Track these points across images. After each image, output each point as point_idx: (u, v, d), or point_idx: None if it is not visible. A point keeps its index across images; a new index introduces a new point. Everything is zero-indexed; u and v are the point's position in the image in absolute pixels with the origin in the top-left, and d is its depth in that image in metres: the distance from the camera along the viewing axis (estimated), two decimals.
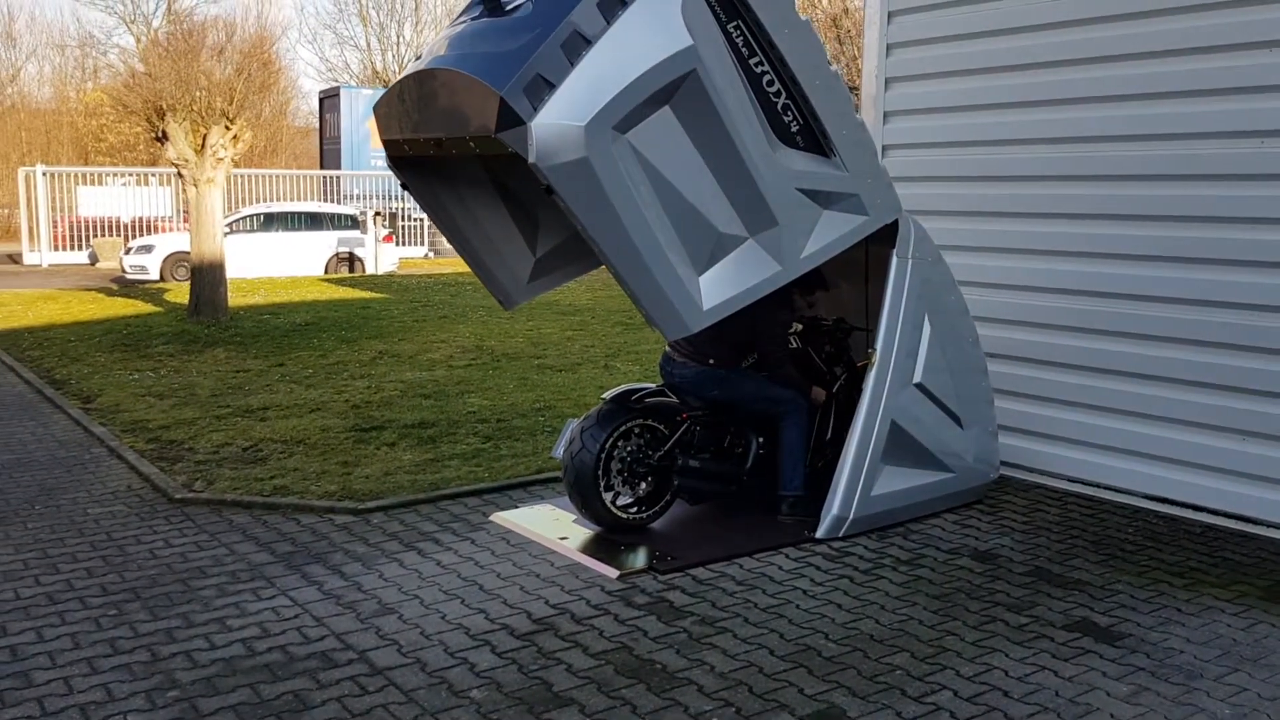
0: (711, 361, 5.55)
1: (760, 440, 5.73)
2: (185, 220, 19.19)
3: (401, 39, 42.57)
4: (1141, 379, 6.18)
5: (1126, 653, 4.23)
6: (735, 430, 5.71)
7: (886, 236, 5.56)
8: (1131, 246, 6.17)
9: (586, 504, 5.36)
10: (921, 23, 7.06)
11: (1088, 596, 4.80)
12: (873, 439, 5.51)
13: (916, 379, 5.68)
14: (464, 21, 4.86)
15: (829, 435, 6.00)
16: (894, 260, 5.60)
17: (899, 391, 5.59)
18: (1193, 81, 5.85)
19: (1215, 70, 5.76)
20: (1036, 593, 4.83)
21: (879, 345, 5.54)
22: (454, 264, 24.22)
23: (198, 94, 13.58)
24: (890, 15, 7.19)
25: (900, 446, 5.62)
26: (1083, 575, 5.06)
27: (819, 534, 5.44)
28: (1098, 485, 6.40)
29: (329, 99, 33.77)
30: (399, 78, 4.93)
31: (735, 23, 4.76)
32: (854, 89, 12.05)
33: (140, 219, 25.38)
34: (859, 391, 5.59)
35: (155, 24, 37.48)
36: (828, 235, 5.21)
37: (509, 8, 4.66)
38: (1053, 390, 6.59)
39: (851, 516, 5.48)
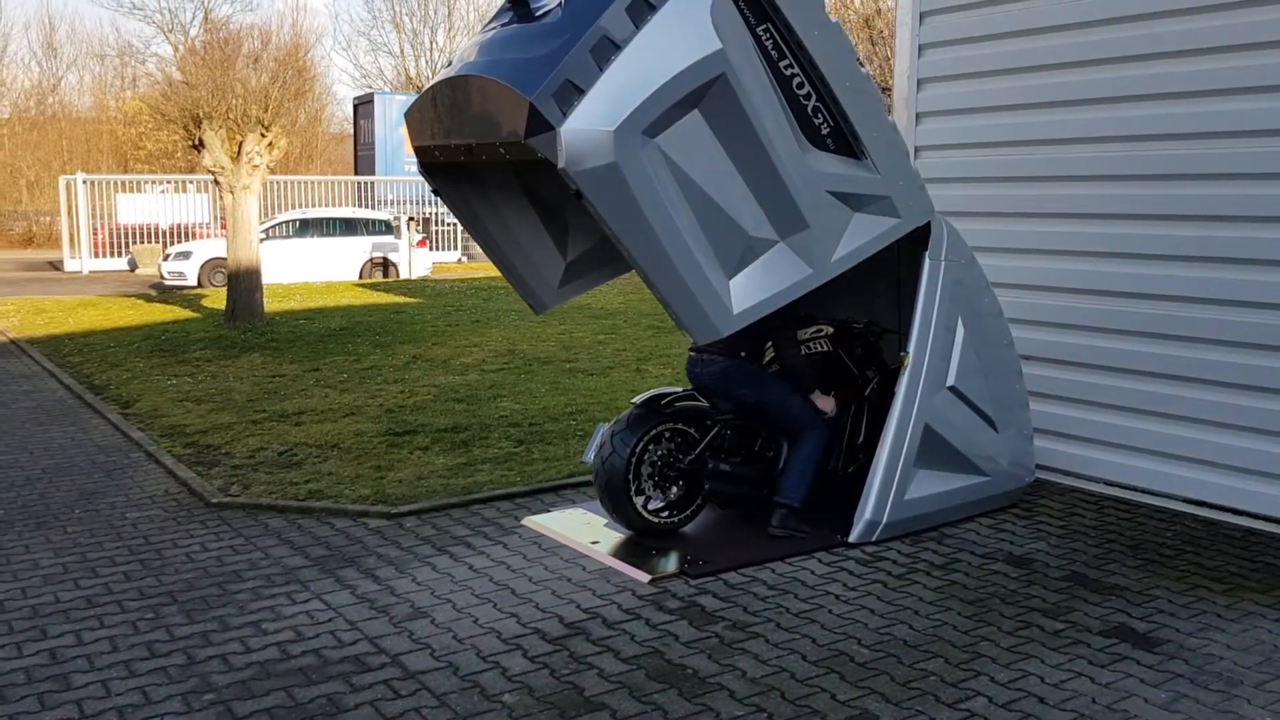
0: (743, 354, 5.52)
1: None
2: (222, 227, 19.41)
3: (435, 44, 42.85)
4: (1179, 381, 6.09)
5: (1165, 659, 4.18)
6: (767, 434, 5.69)
7: (919, 238, 5.52)
8: (1168, 247, 6.09)
9: (617, 508, 5.36)
10: (953, 23, 7.01)
11: (1125, 602, 4.74)
12: (906, 442, 5.47)
13: (950, 382, 5.63)
14: (494, 28, 4.88)
15: (861, 439, 5.96)
16: (927, 262, 5.56)
17: (932, 394, 5.55)
18: (1226, 80, 5.77)
19: (1248, 68, 5.67)
20: (1073, 598, 4.78)
21: (912, 348, 5.50)
22: (486, 268, 24.32)
23: (234, 102, 13.74)
24: (922, 16, 7.15)
25: (934, 450, 5.58)
26: (1120, 580, 5.00)
27: (852, 538, 5.41)
28: (1135, 489, 6.32)
29: (363, 105, 34.04)
30: (430, 84, 4.96)
31: (765, 25, 4.74)
32: (886, 89, 11.99)
33: (178, 226, 25.70)
34: (891, 394, 5.55)
35: (193, 33, 37.99)
36: (859, 238, 5.18)
37: (539, 14, 4.67)
38: (1089, 393, 6.51)
39: (885, 521, 5.45)
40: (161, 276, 21.00)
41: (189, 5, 46.19)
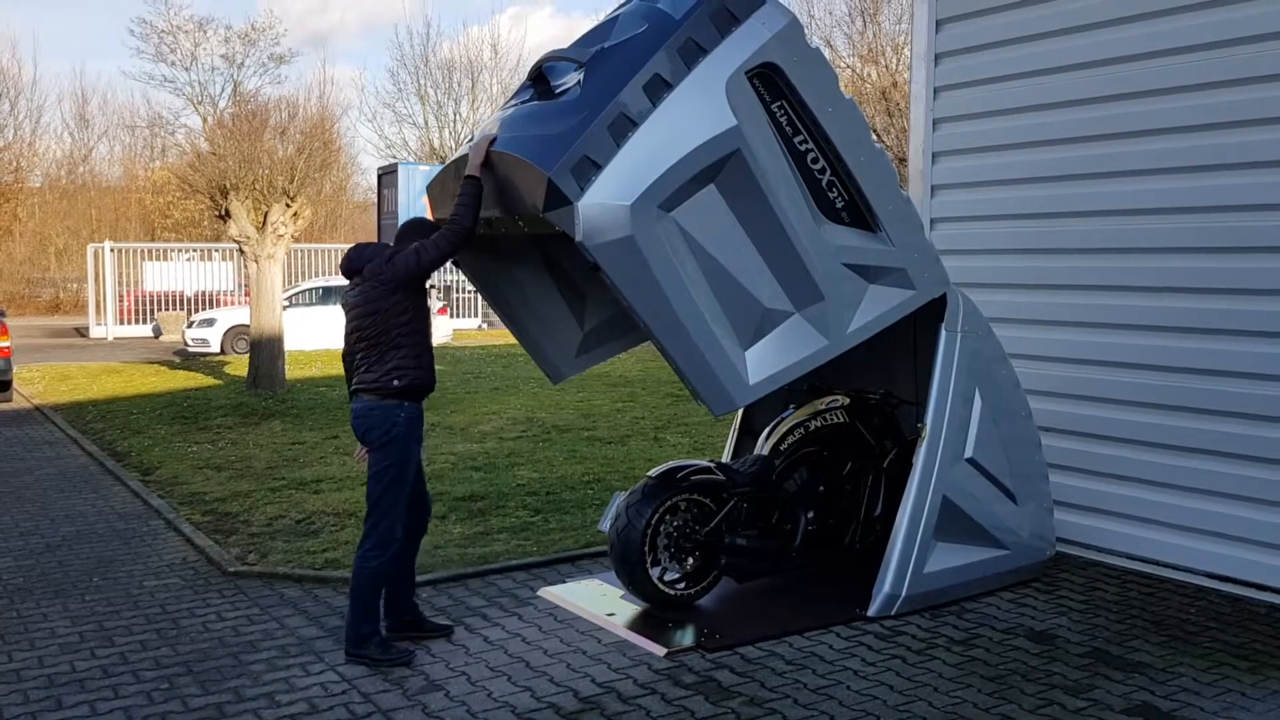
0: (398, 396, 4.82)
1: (810, 517, 5.68)
2: (246, 294, 19.64)
3: (459, 116, 43.45)
4: (1203, 454, 6.04)
5: None
6: (783, 508, 5.67)
7: (936, 309, 5.54)
8: (1190, 319, 6.08)
9: (632, 580, 5.33)
10: (967, 98, 7.09)
11: (1148, 679, 4.66)
12: (924, 515, 5.43)
13: (968, 454, 5.61)
14: (515, 104, 4.99)
15: (879, 511, 5.93)
16: (943, 334, 5.57)
17: (950, 466, 5.52)
18: (1248, 154, 5.80)
19: (1266, 142, 5.71)
20: (1095, 675, 4.70)
21: (929, 419, 5.49)
22: (506, 335, 24.45)
23: (260, 173, 13.98)
24: (936, 91, 7.24)
25: (953, 523, 5.54)
26: (1143, 657, 4.92)
27: (871, 612, 5.35)
28: (1158, 563, 6.24)
29: (387, 175, 34.46)
30: (452, 158, 5.06)
31: (779, 102, 4.83)
32: (904, 161, 12.09)
33: (203, 293, 26.00)
34: (909, 466, 5.53)
35: (221, 105, 38.73)
36: (875, 309, 5.22)
37: (558, 91, 4.78)
38: (1110, 465, 6.46)
39: (904, 594, 5.39)
40: (185, 343, 21.20)
41: (219, 78, 47.19)
